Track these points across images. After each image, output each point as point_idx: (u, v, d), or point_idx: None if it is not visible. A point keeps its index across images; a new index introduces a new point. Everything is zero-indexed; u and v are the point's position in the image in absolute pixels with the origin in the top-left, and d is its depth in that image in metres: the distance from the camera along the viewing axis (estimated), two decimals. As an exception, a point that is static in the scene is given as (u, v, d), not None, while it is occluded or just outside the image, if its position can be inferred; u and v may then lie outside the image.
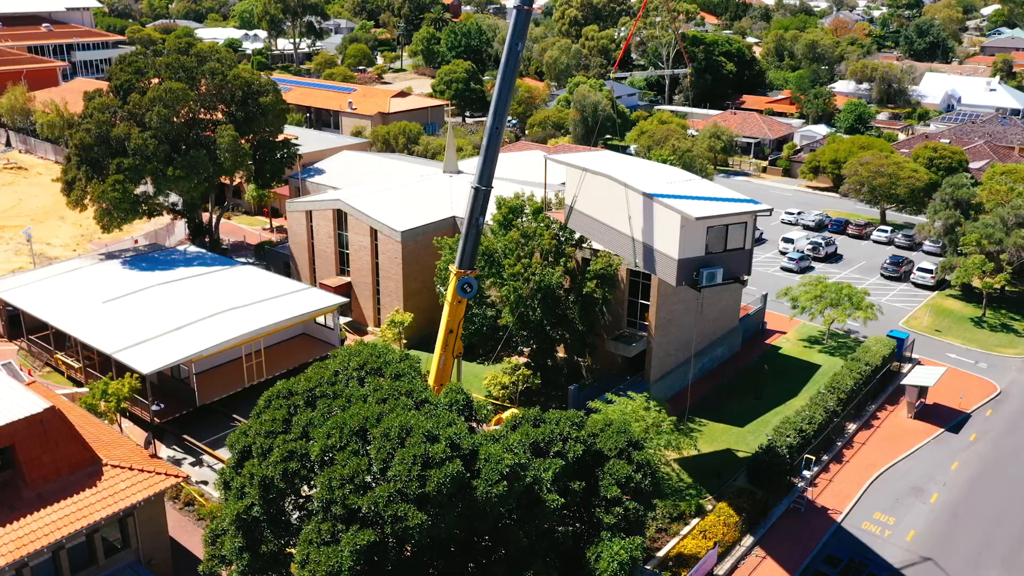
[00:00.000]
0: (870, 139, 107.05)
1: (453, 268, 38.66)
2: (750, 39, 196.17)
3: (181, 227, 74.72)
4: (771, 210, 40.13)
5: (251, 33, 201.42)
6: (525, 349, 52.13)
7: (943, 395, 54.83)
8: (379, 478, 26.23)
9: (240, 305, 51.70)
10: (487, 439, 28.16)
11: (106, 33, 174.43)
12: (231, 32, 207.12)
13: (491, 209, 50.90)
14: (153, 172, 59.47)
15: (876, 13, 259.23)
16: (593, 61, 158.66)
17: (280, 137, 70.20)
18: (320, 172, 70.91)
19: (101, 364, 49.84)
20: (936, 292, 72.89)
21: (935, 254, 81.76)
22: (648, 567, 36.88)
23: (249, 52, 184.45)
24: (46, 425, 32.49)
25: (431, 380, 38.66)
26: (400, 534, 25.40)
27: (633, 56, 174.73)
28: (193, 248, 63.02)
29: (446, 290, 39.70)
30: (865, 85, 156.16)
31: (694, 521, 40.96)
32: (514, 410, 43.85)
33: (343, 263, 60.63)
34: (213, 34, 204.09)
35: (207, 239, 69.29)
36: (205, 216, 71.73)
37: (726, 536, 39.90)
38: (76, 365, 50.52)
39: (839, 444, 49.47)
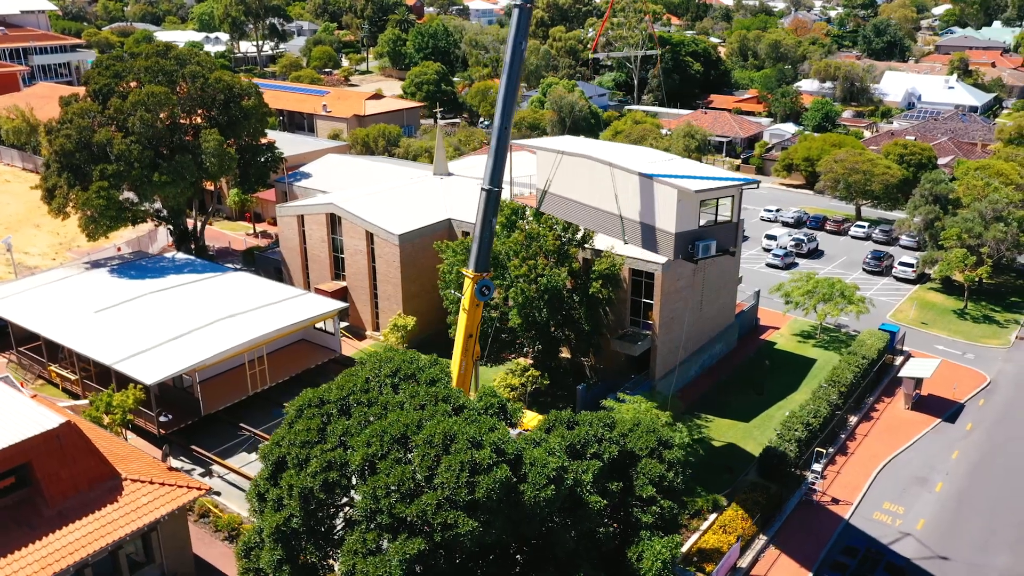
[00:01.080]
0: (841, 137, 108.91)
1: (469, 272, 38.29)
2: (713, 39, 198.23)
3: (163, 234, 73.23)
4: (758, 182, 40.97)
5: (212, 36, 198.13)
6: (529, 350, 51.97)
7: (936, 386, 55.85)
8: (423, 486, 25.86)
9: (239, 312, 50.78)
10: (528, 443, 27.98)
11: (64, 36, 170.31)
12: (191, 35, 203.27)
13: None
14: (138, 178, 58.12)
15: (832, 13, 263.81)
16: (562, 62, 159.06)
17: (263, 141, 69.10)
18: (307, 176, 69.93)
19: (98, 375, 48.64)
20: (918, 285, 74.35)
21: (912, 248, 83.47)
22: (673, 565, 36.93)
23: (211, 55, 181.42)
24: (63, 440, 31.54)
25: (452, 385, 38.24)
26: (450, 542, 25.06)
27: (599, 57, 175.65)
28: (181, 255, 61.75)
29: (461, 294, 39.23)
30: (828, 84, 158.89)
31: (712, 516, 41.17)
32: (532, 413, 43.62)
33: (338, 267, 59.87)
34: (172, 37, 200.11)
35: (192, 246, 67.94)
36: (189, 222, 70.27)
37: (745, 530, 40.20)
38: (72, 377, 49.16)
39: (843, 436, 50.16)
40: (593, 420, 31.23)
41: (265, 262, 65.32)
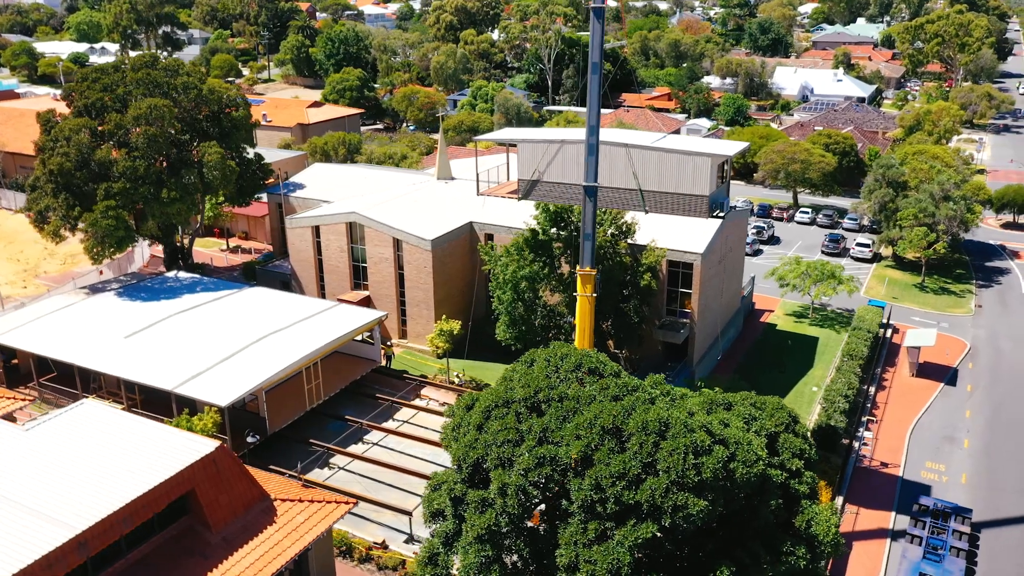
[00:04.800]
0: (768, 130, 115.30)
1: (589, 270, 39.63)
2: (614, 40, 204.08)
3: (138, 253, 69.98)
4: (749, 146, 45.80)
5: (98, 46, 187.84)
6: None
7: (927, 353, 60.68)
8: (641, 473, 26.84)
9: (282, 327, 49.59)
10: (720, 423, 29.39)
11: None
12: (71, 46, 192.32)
13: (531, 211, 51.98)
14: (145, 196, 55.62)
15: (712, 13, 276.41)
16: (476, 65, 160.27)
17: (250, 152, 67.22)
18: (300, 186, 68.25)
19: (144, 403, 46.49)
20: (874, 264, 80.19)
21: (854, 230, 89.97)
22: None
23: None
24: (219, 464, 30.61)
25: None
26: (679, 523, 26.18)
27: (507, 59, 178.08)
28: (184, 274, 59.32)
29: (579, 292, 40.61)
30: (729, 80, 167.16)
31: (791, 488, 43.67)
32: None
33: (357, 277, 59.15)
34: (53, 48, 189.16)
35: (181, 263, 65.28)
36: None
37: (822, 497, 42.91)
38: (119, 406, 46.55)
39: (868, 405, 54.02)
40: (741, 401, 32.99)
41: (269, 276, 63.56)
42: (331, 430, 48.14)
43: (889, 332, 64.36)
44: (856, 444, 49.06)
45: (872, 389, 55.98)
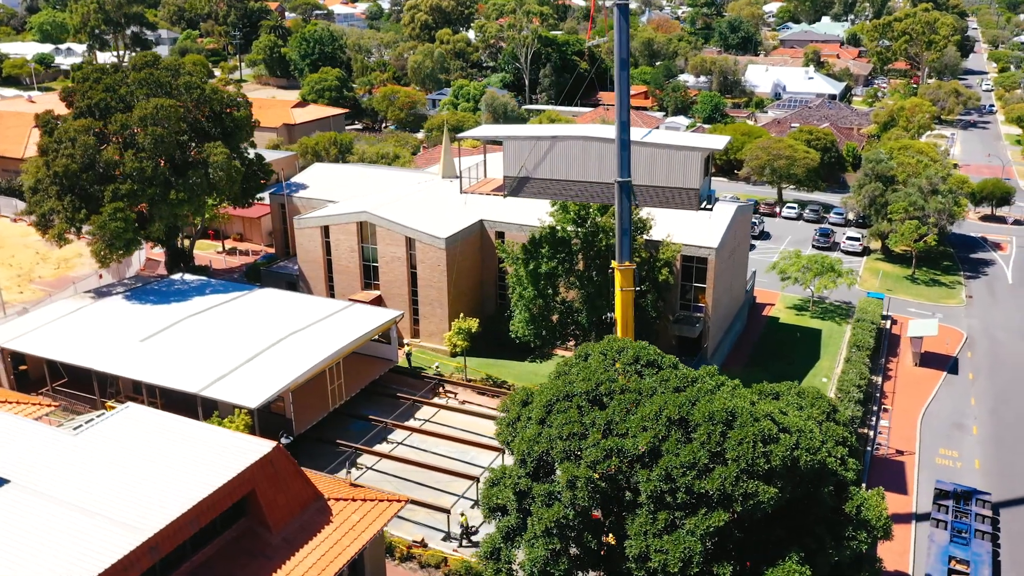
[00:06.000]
0: (751, 127, 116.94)
1: (628, 264, 40.03)
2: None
3: (135, 256, 68.81)
4: (731, 140, 46.11)
5: (63, 47, 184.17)
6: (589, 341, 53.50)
7: (928, 343, 62.08)
8: (708, 462, 27.22)
9: (301, 328, 49.21)
10: (780, 413, 29.87)
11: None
12: (36, 47, 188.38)
13: (546, 207, 52.28)
14: (152, 197, 54.82)
15: (680, 12, 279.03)
16: (453, 64, 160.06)
17: (251, 152, 66.53)
18: (303, 186, 67.69)
19: (164, 407, 45.66)
20: (865, 257, 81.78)
21: (839, 224, 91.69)
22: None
23: (66, 68, 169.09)
24: (276, 465, 30.43)
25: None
26: (750, 510, 26.61)
27: (483, 58, 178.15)
28: (191, 276, 58.56)
29: (616, 288, 40.99)
30: (703, 78, 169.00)
31: (816, 477, 44.49)
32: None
33: (368, 276, 58.87)
34: (16, 49, 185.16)
35: (183, 265, 64.43)
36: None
37: (849, 486, 43.77)
38: (141, 411, 45.88)
39: (877, 395, 55.16)
40: (787, 390, 33.59)
41: (274, 277, 62.97)
42: (354, 430, 47.96)
43: (889, 323, 65.72)
44: (872, 433, 50.07)
45: (879, 379, 57.16)
